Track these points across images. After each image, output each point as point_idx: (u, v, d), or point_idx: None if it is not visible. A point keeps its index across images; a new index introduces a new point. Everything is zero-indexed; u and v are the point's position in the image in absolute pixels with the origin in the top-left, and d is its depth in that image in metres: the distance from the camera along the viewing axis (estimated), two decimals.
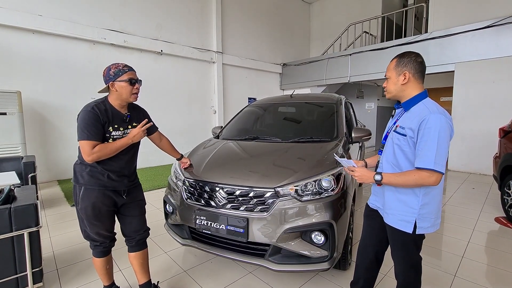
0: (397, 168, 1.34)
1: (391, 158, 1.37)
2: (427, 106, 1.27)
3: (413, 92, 1.33)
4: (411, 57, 1.33)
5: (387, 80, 1.39)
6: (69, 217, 3.49)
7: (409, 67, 1.32)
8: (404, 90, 1.34)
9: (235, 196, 1.90)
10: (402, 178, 1.25)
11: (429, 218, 1.31)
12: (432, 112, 1.22)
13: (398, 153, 1.32)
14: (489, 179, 5.28)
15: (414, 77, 1.32)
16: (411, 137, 1.26)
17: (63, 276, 2.22)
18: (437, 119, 1.19)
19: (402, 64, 1.33)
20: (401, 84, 1.33)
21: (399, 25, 8.71)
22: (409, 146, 1.28)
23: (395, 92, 1.37)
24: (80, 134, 1.49)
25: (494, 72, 5.55)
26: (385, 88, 1.42)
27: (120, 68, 1.57)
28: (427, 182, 1.20)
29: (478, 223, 3.24)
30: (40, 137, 5.15)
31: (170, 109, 7.00)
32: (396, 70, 1.34)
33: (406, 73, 1.32)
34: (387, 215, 1.40)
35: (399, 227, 1.34)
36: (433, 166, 1.17)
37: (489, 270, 2.29)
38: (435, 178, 1.19)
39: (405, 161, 1.30)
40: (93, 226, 1.62)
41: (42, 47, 5.07)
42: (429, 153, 1.18)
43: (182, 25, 7.07)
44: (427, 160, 1.18)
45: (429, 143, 1.18)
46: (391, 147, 1.37)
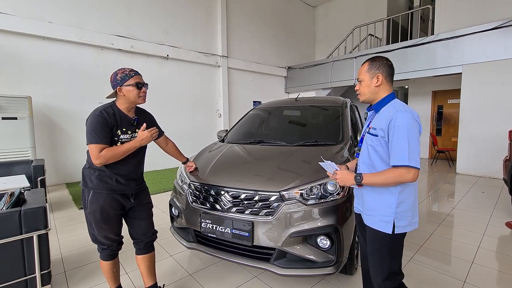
0: (373, 169, 1.37)
1: (366, 159, 1.41)
2: (395, 106, 1.33)
3: (383, 94, 1.38)
4: (383, 61, 1.38)
5: (360, 83, 1.43)
6: (77, 220, 3.53)
7: (382, 70, 1.37)
8: (377, 92, 1.39)
9: (240, 199, 1.91)
10: (381, 177, 1.28)
11: (406, 216, 1.32)
12: (399, 111, 1.28)
13: (372, 154, 1.37)
14: (499, 182, 5.17)
15: (386, 79, 1.38)
16: (382, 136, 1.30)
17: (71, 278, 2.25)
18: (404, 117, 1.25)
19: (375, 67, 1.38)
20: (375, 86, 1.38)
21: (405, 27, 8.67)
22: (381, 145, 1.32)
23: (368, 95, 1.41)
24: (89, 138, 1.52)
25: (502, 73, 5.46)
26: (358, 91, 1.46)
27: (126, 72, 1.60)
28: (406, 179, 1.23)
29: (488, 228, 3.17)
30: (49, 141, 5.25)
31: (175, 113, 7.07)
32: (369, 73, 1.39)
33: (379, 76, 1.37)
34: (367, 217, 1.42)
35: (379, 228, 1.35)
36: (408, 162, 1.21)
37: (500, 276, 2.24)
38: (412, 174, 1.22)
39: (379, 161, 1.34)
40: (101, 229, 1.64)
41: (52, 53, 5.19)
42: (401, 150, 1.22)
43: (187, 30, 7.16)
44: (401, 158, 1.22)
45: (400, 141, 1.23)
46: (366, 148, 1.41)
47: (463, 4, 6.19)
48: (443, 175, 6.07)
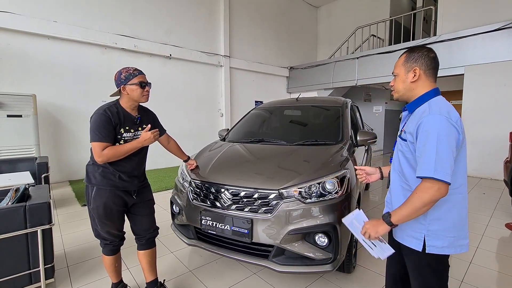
0: (402, 177, 1.21)
1: (397, 166, 1.25)
2: (431, 106, 1.11)
3: (421, 92, 1.17)
4: (423, 51, 1.17)
5: (395, 78, 1.25)
6: (79, 216, 3.59)
7: (420, 62, 1.16)
8: (414, 89, 1.19)
9: (240, 197, 1.94)
10: (408, 204, 1.08)
11: (444, 236, 1.12)
12: (432, 112, 1.07)
13: (402, 160, 1.20)
14: (500, 184, 5.16)
15: (425, 74, 1.17)
16: (411, 142, 1.13)
17: (73, 273, 2.29)
18: (435, 120, 1.05)
19: (412, 60, 1.18)
20: (410, 82, 1.19)
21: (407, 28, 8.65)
22: (410, 152, 1.15)
23: (403, 91, 1.23)
24: (92, 135, 1.56)
25: (505, 75, 5.45)
26: (392, 87, 1.28)
27: (130, 72, 1.64)
28: (432, 195, 1.02)
29: (488, 229, 3.18)
30: (53, 138, 5.32)
31: (178, 112, 7.12)
32: (405, 66, 1.20)
33: (416, 70, 1.17)
34: (395, 230, 1.26)
35: (407, 244, 1.19)
36: (433, 174, 1.00)
37: (498, 277, 2.25)
38: (437, 188, 1.01)
39: (409, 168, 1.17)
40: (104, 225, 1.69)
41: (57, 52, 5.26)
42: (428, 159, 1.03)
43: (190, 30, 7.21)
44: (426, 168, 1.03)
45: (427, 148, 1.04)
46: (397, 154, 1.25)
47: (466, 5, 6.17)
48: None
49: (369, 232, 1.18)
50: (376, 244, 1.21)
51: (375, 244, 1.21)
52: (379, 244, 1.21)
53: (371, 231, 1.17)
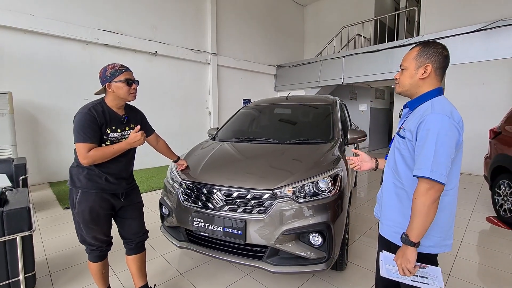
0: (396, 174, 1.20)
1: (392, 163, 1.23)
2: (434, 105, 1.08)
3: (427, 89, 1.14)
4: (438, 48, 1.11)
5: (402, 72, 1.19)
6: (61, 220, 3.42)
7: (433, 59, 1.11)
8: (420, 86, 1.15)
9: (233, 198, 1.90)
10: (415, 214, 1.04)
11: (432, 236, 1.11)
12: (434, 111, 1.04)
13: (398, 158, 1.18)
14: (480, 179, 5.39)
15: (435, 72, 1.12)
16: (410, 140, 1.10)
17: (56, 281, 2.17)
18: (437, 119, 1.02)
19: (425, 55, 1.12)
20: (419, 78, 1.13)
21: (392, 28, 8.86)
22: (408, 150, 1.13)
23: (409, 87, 1.17)
24: (76, 136, 1.47)
25: (484, 74, 5.69)
26: (397, 80, 1.23)
27: (116, 68, 1.55)
28: (432, 196, 1.01)
29: (470, 223, 3.30)
30: (32, 138, 5.05)
31: (165, 111, 6.95)
32: (417, 61, 1.13)
33: (428, 66, 1.11)
34: (382, 226, 1.26)
35: (394, 240, 1.18)
36: (429, 174, 0.99)
37: (482, 269, 2.34)
38: (434, 188, 1.00)
39: (404, 166, 1.15)
40: (90, 230, 1.60)
41: (34, 47, 4.98)
42: (425, 159, 1.01)
43: (176, 27, 7.04)
44: (422, 167, 1.02)
45: (426, 147, 1.02)
46: (393, 151, 1.24)
47: (447, 6, 6.38)
48: None
49: (404, 267, 1.07)
50: (424, 275, 1.09)
51: (424, 276, 1.09)
52: (426, 273, 1.09)
53: (404, 264, 1.07)
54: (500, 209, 3.38)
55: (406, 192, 1.15)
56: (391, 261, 1.14)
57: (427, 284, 1.08)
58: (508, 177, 3.25)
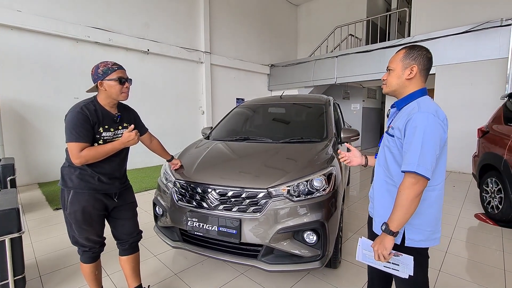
0: (387, 171, 1.24)
1: (382, 161, 1.28)
2: (420, 104, 1.15)
3: (412, 89, 1.21)
4: (422, 51, 1.19)
5: (389, 72, 1.25)
6: (51, 221, 3.35)
7: (418, 61, 1.18)
8: (407, 86, 1.21)
9: (228, 197, 1.90)
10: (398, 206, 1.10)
11: (423, 230, 1.16)
12: (421, 110, 1.10)
13: (388, 156, 1.23)
14: (468, 177, 5.53)
15: (420, 73, 1.20)
16: (399, 138, 1.16)
17: (47, 283, 2.13)
18: (423, 118, 1.08)
19: (411, 57, 1.19)
20: (406, 79, 1.20)
21: (383, 29, 8.98)
22: (397, 147, 1.18)
23: (396, 87, 1.24)
24: (68, 135, 1.44)
25: (472, 75, 5.82)
26: (384, 81, 1.29)
27: (109, 66, 1.52)
28: (416, 190, 1.06)
29: (459, 220, 3.38)
30: (20, 138, 4.92)
31: (157, 110, 6.87)
32: (404, 62, 1.20)
33: (414, 67, 1.18)
34: (375, 223, 1.30)
35: None
36: (415, 169, 1.04)
37: (471, 264, 2.40)
38: (419, 182, 1.06)
39: (394, 164, 1.20)
40: (83, 231, 1.57)
41: (22, 45, 4.85)
42: (413, 154, 1.06)
43: (169, 25, 6.96)
44: (410, 162, 1.07)
45: (413, 144, 1.07)
46: (383, 149, 1.28)
47: (437, 7, 6.50)
48: None
49: (379, 253, 1.14)
50: (396, 262, 1.17)
51: (396, 263, 1.17)
52: (399, 261, 1.16)
53: (380, 250, 1.13)
54: (488, 206, 3.48)
55: (397, 188, 1.18)
56: (368, 246, 1.22)
57: (397, 271, 1.17)
58: (496, 175, 3.34)
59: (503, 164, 3.10)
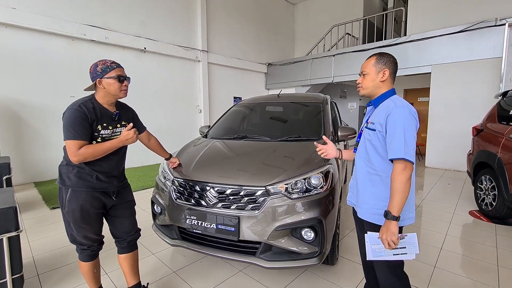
0: (368, 163, 1.39)
1: (363, 154, 1.42)
2: (394, 101, 1.33)
3: (384, 90, 1.39)
4: (390, 57, 1.39)
5: (364, 76, 1.41)
6: (48, 220, 3.34)
7: (388, 65, 1.37)
8: (380, 87, 1.39)
9: (226, 195, 1.91)
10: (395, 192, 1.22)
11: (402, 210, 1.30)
12: (397, 106, 1.28)
13: (369, 148, 1.38)
14: (463, 175, 5.60)
15: (390, 76, 1.39)
16: (380, 131, 1.31)
17: (45, 282, 2.13)
18: (401, 111, 1.25)
19: (382, 62, 1.37)
20: (380, 81, 1.38)
21: (380, 28, 9.02)
22: (378, 140, 1.33)
23: (371, 88, 1.40)
24: (66, 133, 1.44)
25: (467, 74, 5.88)
26: (360, 84, 1.44)
27: (108, 64, 1.52)
28: (408, 174, 1.21)
29: (454, 217, 3.43)
30: (15, 137, 4.87)
31: (154, 108, 6.85)
32: (376, 67, 1.38)
33: (386, 71, 1.37)
34: (361, 209, 1.43)
35: (372, 220, 1.35)
36: (404, 155, 1.20)
37: (467, 261, 2.44)
38: (408, 167, 1.22)
39: (375, 154, 1.36)
40: (81, 229, 1.57)
41: (17, 42, 4.79)
42: (398, 143, 1.22)
43: (166, 23, 6.93)
44: (397, 151, 1.22)
45: (396, 135, 1.23)
46: (363, 143, 1.43)
47: (433, 7, 6.55)
48: None
49: (388, 240, 1.21)
50: (403, 245, 1.24)
51: (403, 246, 1.24)
52: (405, 243, 1.24)
53: (389, 237, 1.21)
54: (482, 203, 3.53)
55: (379, 176, 1.35)
56: (376, 239, 1.28)
57: (406, 254, 1.25)
58: (490, 173, 3.40)
59: (496, 162, 3.15)
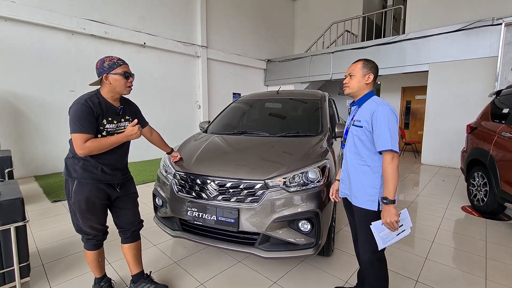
0: (357, 155, 1.55)
1: (352, 148, 1.58)
2: (375, 101, 1.53)
3: (367, 91, 1.57)
4: (374, 64, 1.58)
5: (351, 77, 1.58)
6: (50, 213, 3.40)
7: (373, 71, 1.56)
8: (364, 89, 1.56)
9: (226, 188, 1.98)
10: (388, 179, 1.40)
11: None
12: (379, 104, 1.48)
13: (357, 143, 1.54)
14: (458, 172, 5.71)
15: (373, 80, 1.57)
16: (366, 127, 1.49)
17: (50, 271, 2.20)
18: (384, 109, 1.45)
19: (368, 67, 1.55)
20: (365, 83, 1.55)
21: (379, 25, 9.06)
22: (365, 135, 1.50)
23: (357, 89, 1.57)
24: (73, 127, 1.49)
25: (463, 73, 5.96)
26: (346, 84, 1.60)
27: (114, 61, 1.58)
28: (396, 162, 1.41)
29: (447, 212, 3.53)
30: (15, 131, 4.90)
31: (154, 104, 6.88)
32: (363, 70, 1.55)
33: (371, 75, 1.55)
34: (355, 198, 1.56)
35: (366, 207, 1.50)
36: (391, 147, 1.39)
37: (456, 253, 2.54)
38: (396, 156, 1.41)
39: (363, 148, 1.52)
40: (86, 219, 1.64)
41: (17, 36, 4.80)
42: (385, 137, 1.40)
43: (166, 18, 6.93)
44: (385, 143, 1.40)
45: (382, 130, 1.42)
46: (352, 139, 1.58)
47: (431, 5, 6.60)
48: (409, 166, 6.56)
49: (392, 222, 1.38)
50: (401, 223, 1.43)
51: (401, 224, 1.44)
52: (402, 220, 1.44)
53: (391, 220, 1.38)
54: (474, 199, 3.63)
55: (369, 167, 1.51)
56: (381, 226, 1.43)
57: (405, 231, 1.46)
58: (482, 169, 3.49)
59: (488, 159, 3.24)
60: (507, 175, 2.94)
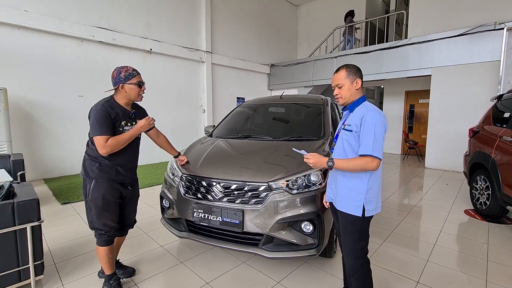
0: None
1: (341, 152, 1.57)
2: (366, 106, 1.52)
3: (358, 96, 1.56)
4: (355, 67, 1.56)
5: (341, 88, 1.55)
6: (60, 215, 3.50)
7: (358, 75, 1.54)
8: (355, 94, 1.55)
9: (231, 190, 2.05)
10: (350, 163, 1.45)
11: (373, 201, 1.51)
12: (369, 110, 1.48)
13: (346, 147, 1.54)
14: (461, 176, 5.70)
15: (361, 84, 1.56)
16: (356, 131, 1.49)
17: (62, 269, 2.28)
18: (373, 115, 1.45)
19: (352, 73, 1.53)
20: (355, 89, 1.54)
21: (382, 30, 9.13)
22: (355, 139, 1.50)
23: (349, 97, 1.55)
24: (96, 130, 1.66)
25: (466, 77, 5.99)
26: (338, 95, 1.57)
27: (130, 72, 1.75)
28: (370, 166, 1.41)
29: (449, 215, 3.56)
30: (26, 135, 5.06)
31: (159, 108, 7.01)
32: (349, 78, 1.53)
33: (358, 80, 1.54)
34: (340, 203, 1.57)
35: (351, 212, 1.51)
36: (371, 152, 1.40)
37: (458, 256, 2.57)
38: (375, 163, 1.41)
39: (352, 153, 1.52)
40: (101, 216, 1.79)
41: (29, 44, 4.98)
42: (368, 142, 1.42)
43: (171, 25, 7.10)
44: (366, 148, 1.42)
45: (368, 135, 1.43)
46: (341, 143, 1.58)
47: (434, 10, 6.66)
48: (413, 169, 6.57)
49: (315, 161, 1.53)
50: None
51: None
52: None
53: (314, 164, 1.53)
54: (476, 203, 3.65)
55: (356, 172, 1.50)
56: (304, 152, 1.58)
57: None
58: (484, 173, 3.51)
59: (490, 163, 3.27)
60: (509, 178, 2.96)
